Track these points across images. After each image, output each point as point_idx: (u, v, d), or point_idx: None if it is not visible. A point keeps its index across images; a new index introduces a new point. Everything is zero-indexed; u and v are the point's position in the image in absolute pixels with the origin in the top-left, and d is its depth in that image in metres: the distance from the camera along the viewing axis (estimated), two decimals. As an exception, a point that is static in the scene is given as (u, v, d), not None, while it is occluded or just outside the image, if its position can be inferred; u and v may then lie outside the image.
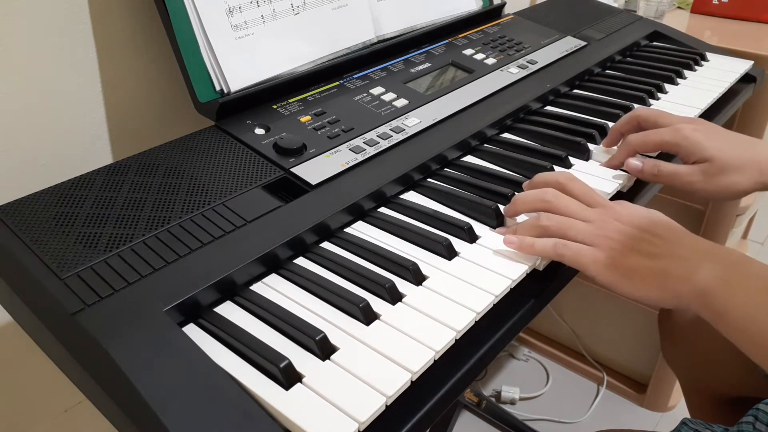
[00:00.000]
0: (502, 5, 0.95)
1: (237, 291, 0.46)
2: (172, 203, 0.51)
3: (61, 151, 0.63)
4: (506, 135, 0.70)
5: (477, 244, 0.52)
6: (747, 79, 0.91)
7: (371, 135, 0.62)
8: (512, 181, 0.60)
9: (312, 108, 0.65)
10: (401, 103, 0.68)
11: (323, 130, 0.62)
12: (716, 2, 1.22)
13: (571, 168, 0.64)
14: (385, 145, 0.61)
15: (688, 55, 0.92)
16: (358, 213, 0.55)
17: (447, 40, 0.83)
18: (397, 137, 0.63)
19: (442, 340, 0.42)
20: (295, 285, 0.48)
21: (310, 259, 0.50)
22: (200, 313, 0.44)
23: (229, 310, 0.45)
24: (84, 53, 0.62)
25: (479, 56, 0.80)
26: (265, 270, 0.49)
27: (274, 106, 0.64)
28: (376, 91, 0.69)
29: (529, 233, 0.51)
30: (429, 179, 0.61)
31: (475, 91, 0.73)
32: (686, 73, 0.88)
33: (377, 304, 0.45)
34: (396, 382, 0.38)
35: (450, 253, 0.50)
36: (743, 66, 0.90)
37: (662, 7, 1.19)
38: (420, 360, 0.40)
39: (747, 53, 0.98)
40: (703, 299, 0.44)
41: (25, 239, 0.46)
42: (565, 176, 0.55)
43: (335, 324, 0.43)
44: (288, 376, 0.38)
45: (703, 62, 0.92)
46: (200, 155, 0.57)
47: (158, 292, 0.43)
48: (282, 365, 0.38)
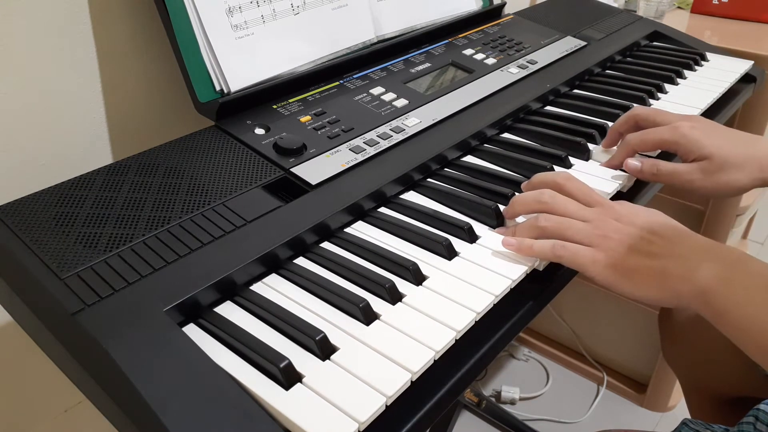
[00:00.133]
0: (502, 5, 0.95)
1: (237, 291, 0.46)
2: (172, 203, 0.51)
3: (61, 151, 0.63)
4: (506, 135, 0.70)
5: (477, 244, 0.52)
6: (747, 79, 0.91)
7: (371, 135, 0.62)
8: (512, 181, 0.60)
9: (312, 108, 0.65)
10: (401, 103, 0.68)
11: (323, 130, 0.62)
12: (716, 2, 1.22)
13: (571, 168, 0.64)
14: (385, 145, 0.61)
15: (688, 55, 0.92)
16: (358, 213, 0.55)
17: (447, 40, 0.83)
18: (397, 137, 0.63)
19: (442, 340, 0.42)
20: (295, 285, 0.48)
21: (310, 259, 0.50)
22: (200, 313, 0.44)
23: (229, 310, 0.45)
24: (84, 53, 0.62)
25: (479, 56, 0.80)
26: (265, 270, 0.48)
27: (274, 106, 0.64)
28: (376, 91, 0.69)
29: (528, 234, 0.51)
30: (429, 179, 0.61)
31: (475, 91, 0.73)
32: (686, 73, 0.88)
33: (377, 304, 0.45)
34: (396, 382, 0.38)
35: (450, 253, 0.50)
36: (743, 66, 0.90)
37: (662, 7, 1.19)
38: (420, 360, 0.40)
39: (747, 53, 0.98)
40: (703, 298, 0.44)
41: (25, 239, 0.46)
42: (563, 176, 0.54)
43: (335, 324, 0.43)
44: (288, 376, 0.38)
45: (703, 62, 0.92)
46: (200, 155, 0.57)
47: (158, 292, 0.43)
48: (282, 365, 0.38)
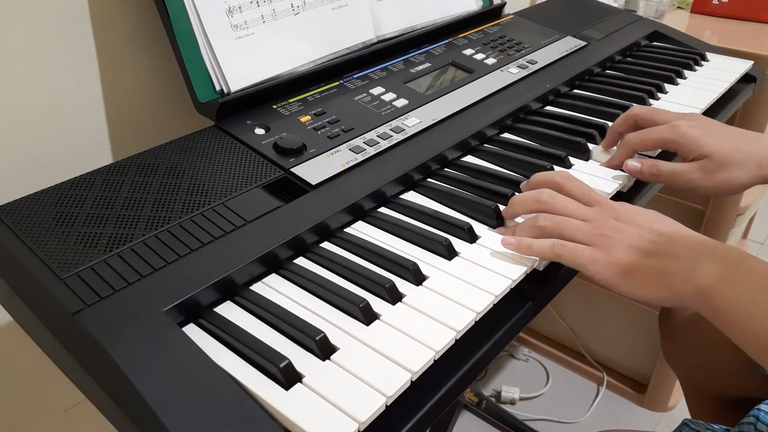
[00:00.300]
0: (502, 5, 0.95)
1: (237, 291, 0.46)
2: (172, 203, 0.51)
3: (61, 151, 0.63)
4: (506, 135, 0.70)
5: (477, 244, 0.52)
6: (747, 79, 0.91)
7: (371, 135, 0.62)
8: (512, 181, 0.60)
9: (312, 108, 0.65)
10: (401, 103, 0.68)
11: (323, 130, 0.62)
12: (716, 2, 1.22)
13: (571, 168, 0.64)
14: (385, 145, 0.61)
15: (688, 55, 0.92)
16: (358, 213, 0.55)
17: (447, 40, 0.83)
18: (397, 137, 0.63)
19: (442, 340, 0.42)
20: (295, 285, 0.48)
21: (310, 259, 0.50)
22: (200, 313, 0.44)
23: (229, 310, 0.45)
24: (84, 53, 0.62)
25: (479, 56, 0.80)
26: (265, 270, 0.48)
27: (274, 106, 0.64)
28: (376, 91, 0.69)
29: (527, 234, 0.51)
30: (429, 179, 0.61)
31: (475, 91, 0.73)
32: (686, 73, 0.88)
33: (377, 304, 0.45)
34: (396, 382, 0.38)
35: (450, 253, 0.50)
36: (743, 66, 0.90)
37: (662, 7, 1.19)
38: (420, 360, 0.40)
39: (747, 53, 0.98)
40: (703, 297, 0.44)
41: (25, 239, 0.46)
42: (562, 176, 0.54)
43: (335, 324, 0.43)
44: (288, 376, 0.38)
45: (703, 62, 0.92)
46: (200, 155, 0.57)
47: (158, 292, 0.43)
48: (282, 365, 0.38)
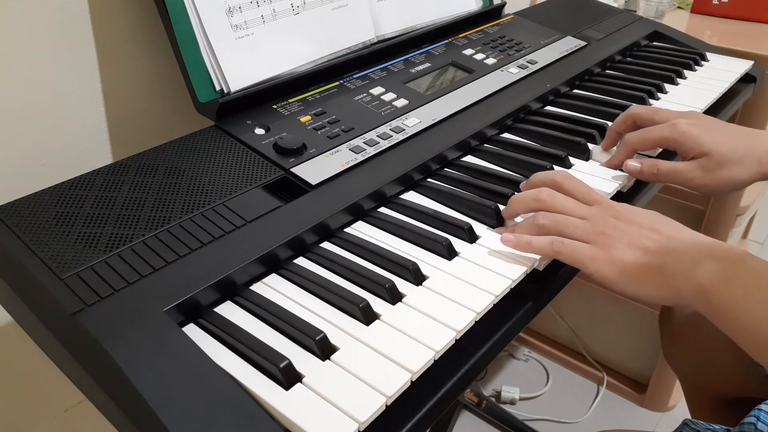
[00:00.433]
0: (502, 5, 0.95)
1: (237, 291, 0.46)
2: (172, 203, 0.51)
3: (61, 151, 0.63)
4: (506, 135, 0.70)
5: (477, 244, 0.52)
6: (747, 79, 0.91)
7: (371, 135, 0.62)
8: (512, 181, 0.60)
9: (312, 108, 0.65)
10: (401, 103, 0.68)
11: (323, 130, 0.62)
12: (716, 2, 1.22)
13: (571, 168, 0.64)
14: (385, 145, 0.61)
15: (688, 55, 0.92)
16: (358, 213, 0.55)
17: (447, 40, 0.83)
18: (397, 137, 0.63)
19: (442, 340, 0.42)
20: (295, 285, 0.48)
21: (310, 259, 0.50)
22: (200, 313, 0.44)
23: (229, 310, 0.45)
24: (84, 53, 0.62)
25: (479, 56, 0.80)
26: (265, 270, 0.48)
27: (274, 106, 0.64)
28: (376, 91, 0.69)
29: (527, 232, 0.51)
30: (429, 179, 0.61)
31: (475, 91, 0.73)
32: (686, 73, 0.88)
33: (377, 304, 0.45)
34: (396, 382, 0.38)
35: (450, 253, 0.50)
36: (743, 66, 0.90)
37: (662, 7, 1.19)
38: (420, 360, 0.40)
39: (747, 53, 0.98)
40: (703, 297, 0.44)
41: (25, 239, 0.46)
42: (561, 175, 0.54)
43: (335, 324, 0.43)
44: (288, 376, 0.38)
45: (703, 62, 0.92)
46: (200, 155, 0.57)
47: (158, 292, 0.43)
48: (282, 365, 0.38)
